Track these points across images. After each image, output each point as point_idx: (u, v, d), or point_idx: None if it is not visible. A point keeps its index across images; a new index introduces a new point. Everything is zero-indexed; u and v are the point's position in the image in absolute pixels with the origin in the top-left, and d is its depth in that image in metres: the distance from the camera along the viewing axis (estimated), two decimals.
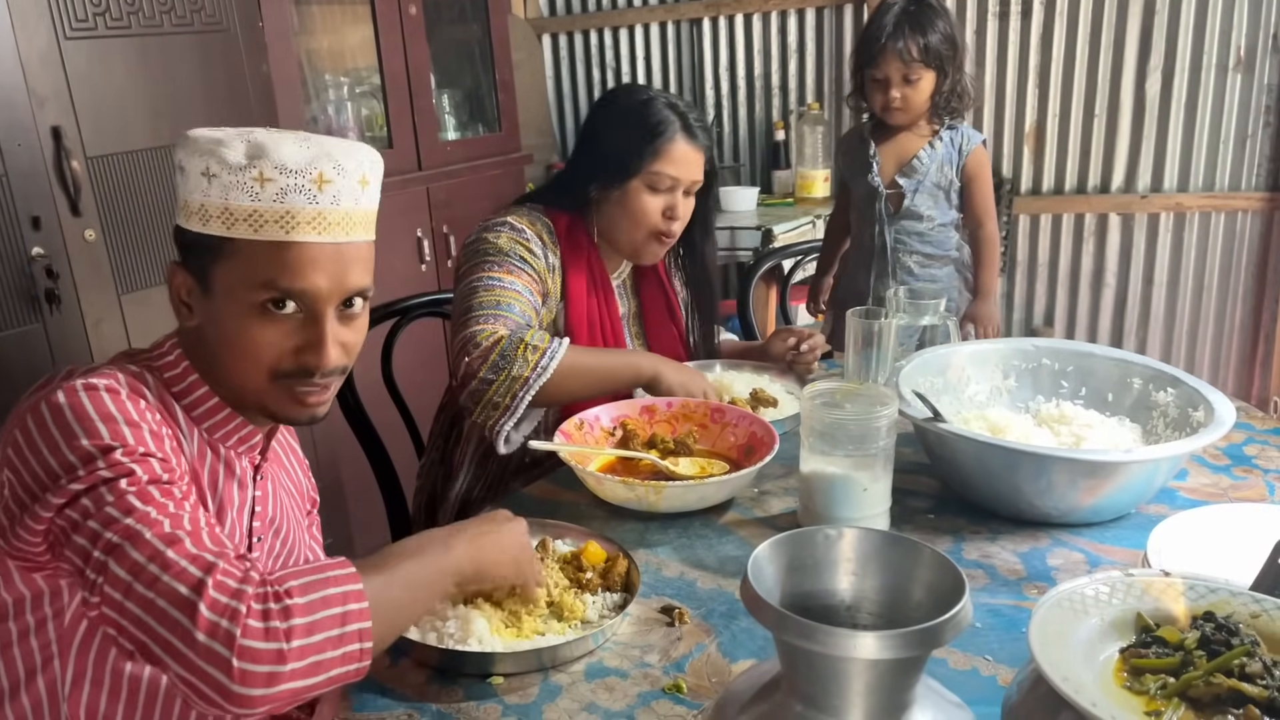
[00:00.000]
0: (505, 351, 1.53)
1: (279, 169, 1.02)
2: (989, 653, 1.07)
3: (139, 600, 0.87)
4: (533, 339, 1.55)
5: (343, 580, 0.91)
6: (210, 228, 1.04)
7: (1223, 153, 3.34)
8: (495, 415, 1.55)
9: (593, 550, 1.26)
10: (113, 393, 0.99)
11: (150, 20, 2.10)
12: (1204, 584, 0.90)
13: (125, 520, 0.91)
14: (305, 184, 1.03)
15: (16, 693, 1.03)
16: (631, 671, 1.07)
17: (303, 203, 1.04)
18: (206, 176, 1.03)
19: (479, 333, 1.56)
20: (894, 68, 2.19)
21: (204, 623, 0.85)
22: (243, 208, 1.02)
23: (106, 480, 0.93)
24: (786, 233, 3.40)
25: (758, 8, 3.88)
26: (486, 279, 1.64)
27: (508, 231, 1.70)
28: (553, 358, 1.54)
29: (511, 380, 1.53)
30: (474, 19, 3.50)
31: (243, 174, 1.02)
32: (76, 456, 0.94)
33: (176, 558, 0.88)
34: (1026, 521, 1.35)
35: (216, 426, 1.13)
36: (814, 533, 0.86)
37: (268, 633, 0.85)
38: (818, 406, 1.29)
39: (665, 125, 1.70)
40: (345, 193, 1.06)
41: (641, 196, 1.72)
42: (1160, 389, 1.49)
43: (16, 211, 1.88)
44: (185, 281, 1.09)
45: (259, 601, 0.86)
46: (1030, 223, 3.64)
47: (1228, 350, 3.51)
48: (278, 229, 1.03)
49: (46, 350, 1.96)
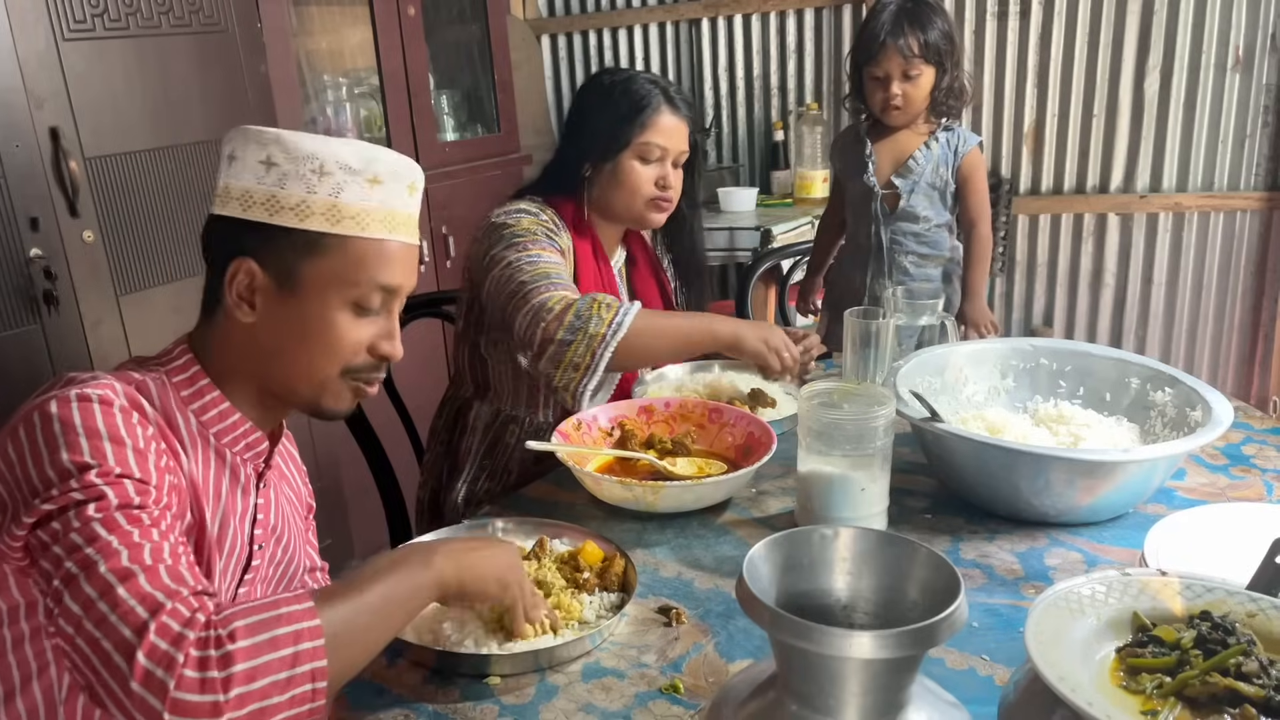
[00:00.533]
0: (580, 311, 1.58)
1: (389, 172, 1.11)
2: (986, 652, 1.07)
3: (86, 638, 0.86)
4: (604, 299, 1.59)
5: (297, 617, 0.88)
6: (312, 223, 1.07)
7: (1221, 152, 3.34)
8: (577, 376, 1.59)
9: (590, 550, 1.26)
10: (105, 404, 0.98)
11: (148, 21, 2.10)
12: (1200, 583, 0.90)
13: (86, 549, 0.89)
14: (400, 189, 1.13)
15: (12, 699, 1.02)
16: (628, 672, 1.07)
17: (399, 205, 1.12)
18: (318, 174, 1.07)
19: (549, 299, 1.60)
20: (894, 64, 2.19)
21: (139, 671, 0.82)
22: (352, 205, 1.08)
23: (77, 503, 0.92)
24: (785, 233, 3.40)
25: (756, 8, 3.88)
26: (526, 257, 1.67)
27: (526, 216, 1.75)
28: (626, 313, 1.58)
29: (590, 338, 1.57)
30: (473, 20, 3.51)
31: (357, 175, 1.08)
32: (55, 472, 0.94)
33: (126, 595, 0.87)
34: (1024, 521, 1.35)
35: (225, 432, 1.13)
36: (810, 532, 0.86)
37: (203, 684, 0.82)
38: (815, 406, 1.29)
39: (649, 98, 1.77)
40: (417, 199, 1.16)
41: (634, 167, 1.78)
42: (1158, 388, 1.49)
43: (15, 213, 1.89)
44: (257, 279, 1.09)
45: (199, 648, 0.84)
46: (1029, 223, 3.65)
47: (1227, 349, 3.51)
48: (382, 228, 1.11)
49: (45, 351, 1.96)
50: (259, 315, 1.10)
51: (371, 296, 1.12)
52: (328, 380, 1.14)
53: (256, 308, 1.10)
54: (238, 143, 1.10)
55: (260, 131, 1.09)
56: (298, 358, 1.12)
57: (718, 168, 3.94)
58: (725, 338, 1.68)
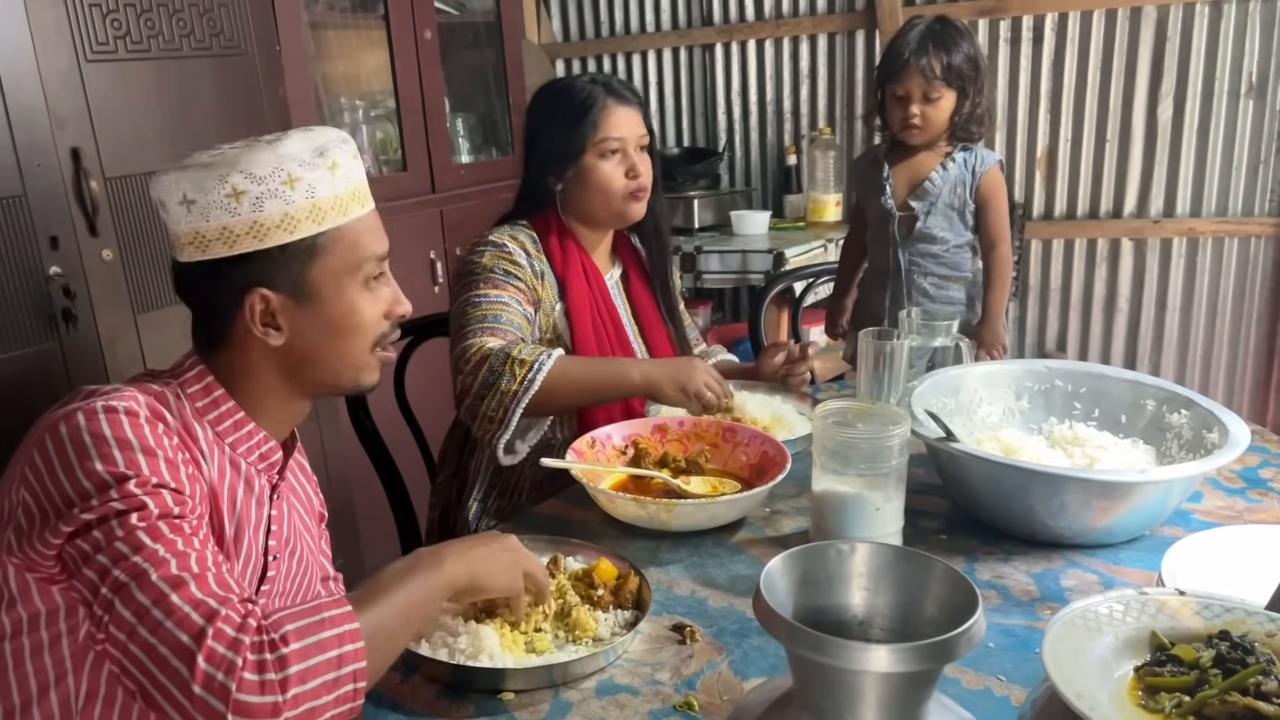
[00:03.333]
0: (493, 367, 1.58)
1: (337, 150, 1.12)
2: (1002, 673, 1.06)
3: (141, 645, 0.88)
4: (521, 353, 1.58)
5: (339, 621, 0.92)
6: (301, 230, 1.10)
7: (1235, 178, 3.34)
8: (490, 429, 1.60)
9: (604, 567, 1.25)
10: (132, 415, 1.00)
11: (169, 44, 2.12)
12: (1219, 603, 0.90)
13: (133, 558, 0.91)
14: (354, 163, 1.15)
15: (29, 708, 1.02)
16: (642, 689, 1.07)
17: (357, 178, 1.15)
18: (289, 184, 1.08)
19: (469, 348, 1.61)
20: (915, 84, 2.19)
21: (200, 675, 0.85)
22: (328, 198, 1.11)
23: (118, 513, 0.93)
24: (798, 256, 3.40)
25: (770, 33, 3.91)
26: (474, 296, 1.70)
27: (490, 250, 1.76)
28: (539, 370, 1.57)
29: (501, 394, 1.57)
30: (488, 44, 3.53)
31: (318, 168, 1.10)
32: (91, 483, 0.95)
33: (180, 603, 0.89)
34: (1040, 542, 1.35)
35: (240, 442, 1.14)
36: (826, 547, 0.86)
37: (263, 686, 0.86)
38: (830, 425, 1.28)
39: (593, 96, 1.78)
40: (360, 164, 1.18)
41: (599, 167, 1.79)
42: (1174, 410, 1.48)
43: (35, 231, 1.90)
44: (273, 302, 1.11)
45: (255, 652, 0.87)
46: (1042, 248, 3.64)
47: (1242, 375, 3.49)
48: (357, 206, 1.15)
49: (62, 368, 1.97)
50: (287, 333, 1.13)
51: (373, 269, 1.16)
52: (363, 361, 1.19)
53: (283, 328, 1.12)
54: (186, 186, 1.07)
55: (206, 165, 1.07)
56: (336, 353, 1.16)
57: (730, 191, 3.95)
58: (639, 383, 1.64)
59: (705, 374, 1.64)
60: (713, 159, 3.95)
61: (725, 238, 3.65)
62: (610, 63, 4.26)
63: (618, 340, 1.85)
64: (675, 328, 2.01)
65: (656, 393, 1.64)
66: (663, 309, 1.99)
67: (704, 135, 4.17)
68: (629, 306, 1.96)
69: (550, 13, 4.32)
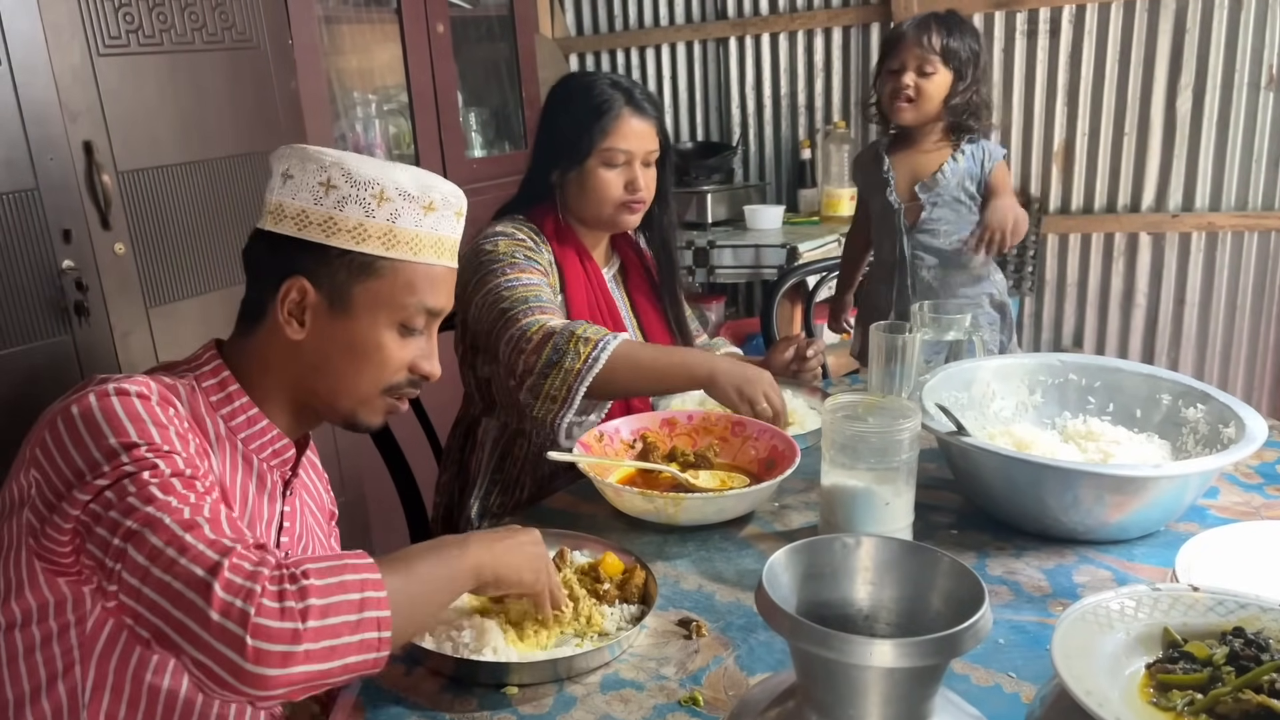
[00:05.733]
0: (558, 344, 1.56)
1: (442, 200, 1.14)
2: (1012, 669, 1.05)
3: (155, 584, 0.88)
4: (584, 331, 1.57)
5: (361, 569, 0.92)
6: (367, 246, 1.10)
7: (1255, 172, 3.30)
8: (554, 409, 1.58)
9: (610, 561, 1.25)
10: (143, 398, 1.01)
11: (182, 37, 2.13)
12: (1233, 599, 0.88)
13: (146, 509, 0.92)
14: (450, 215, 1.16)
15: (37, 698, 1.03)
16: (648, 684, 1.06)
17: (448, 231, 1.16)
18: (378, 199, 1.09)
19: (529, 326, 1.58)
20: (911, 55, 2.18)
21: (218, 602, 0.85)
22: (407, 231, 1.12)
23: (130, 474, 0.94)
24: (812, 250, 3.38)
25: (784, 27, 3.89)
26: (506, 282, 1.67)
27: (503, 239, 1.75)
28: (604, 349, 1.55)
29: (565, 372, 1.55)
30: (501, 38, 3.53)
31: (414, 202, 1.12)
32: (102, 453, 0.96)
33: (194, 541, 0.89)
34: (1052, 538, 1.33)
35: (253, 438, 1.15)
36: (831, 540, 0.84)
37: (283, 612, 0.85)
38: (839, 419, 1.27)
39: (610, 103, 1.75)
40: (462, 225, 1.21)
41: (599, 174, 1.76)
42: (1190, 405, 1.46)
43: (48, 224, 1.91)
44: (309, 297, 1.12)
45: (274, 583, 0.87)
46: (1059, 242, 3.61)
47: (1261, 371, 3.45)
48: (433, 254, 1.15)
49: (75, 361, 1.98)
50: (308, 332, 1.13)
51: (417, 318, 1.15)
52: (369, 397, 1.17)
53: (306, 325, 1.12)
54: (294, 162, 1.11)
55: (320, 153, 1.11)
56: (343, 374, 1.15)
57: (744, 185, 3.94)
58: (700, 376, 1.61)
59: (769, 386, 1.62)
60: (726, 153, 3.93)
61: (739, 232, 3.64)
62: (624, 57, 4.25)
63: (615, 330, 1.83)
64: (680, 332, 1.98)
65: (717, 390, 1.61)
66: (670, 319, 1.97)
67: (718, 129, 4.15)
68: (627, 301, 1.95)
69: (564, 6, 4.32)
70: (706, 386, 1.62)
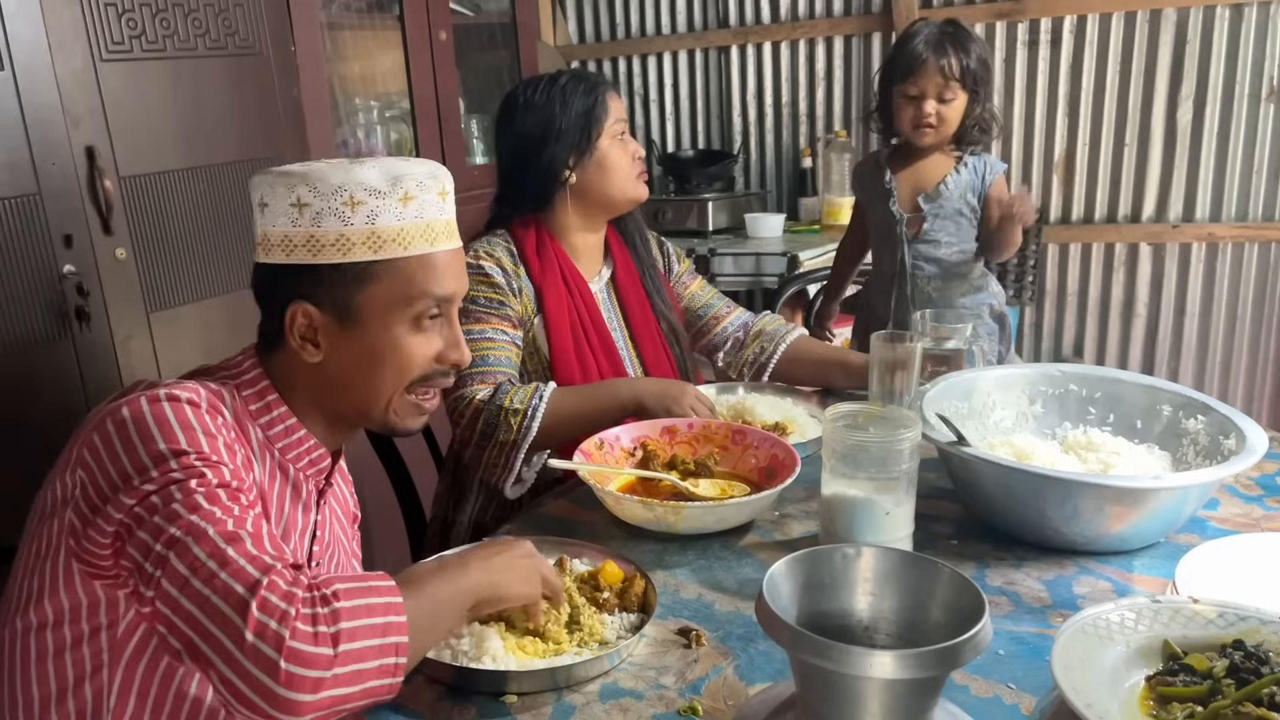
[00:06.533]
0: (489, 419, 1.63)
1: (417, 185, 1.11)
2: (1012, 681, 1.05)
3: (194, 596, 0.88)
4: (513, 402, 1.62)
5: (385, 592, 0.92)
6: (355, 254, 1.09)
7: (1256, 183, 3.31)
8: (497, 473, 1.66)
9: (610, 570, 1.24)
10: (193, 405, 1.01)
11: (185, 43, 2.13)
12: (1233, 611, 0.88)
13: (190, 517, 0.92)
14: (432, 199, 1.13)
15: (63, 699, 1.02)
16: (647, 693, 1.05)
17: (433, 215, 1.13)
18: (350, 205, 1.07)
19: (460, 400, 1.65)
20: (932, 83, 2.17)
21: (254, 623, 0.85)
22: (390, 228, 1.09)
23: (177, 480, 0.94)
24: (813, 259, 3.39)
25: (786, 35, 3.90)
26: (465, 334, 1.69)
27: (482, 285, 1.76)
28: (534, 416, 1.61)
29: (500, 444, 1.62)
30: (503, 46, 3.54)
31: (387, 197, 1.09)
32: (150, 457, 0.96)
33: (235, 556, 0.89)
34: (1052, 549, 1.33)
35: (291, 447, 1.14)
36: (831, 551, 0.85)
37: (316, 637, 0.85)
38: (840, 428, 1.27)
39: (594, 84, 1.82)
40: (450, 203, 1.17)
41: (613, 149, 1.82)
42: (1190, 416, 1.46)
43: (49, 229, 1.91)
44: (315, 319, 1.11)
45: (308, 606, 0.87)
46: (1060, 252, 3.61)
47: (1261, 382, 3.45)
48: (423, 243, 1.12)
49: (75, 366, 1.98)
50: (325, 352, 1.12)
51: (429, 309, 1.14)
52: (394, 401, 1.16)
53: (321, 346, 1.12)
54: (265, 189, 1.10)
55: (285, 173, 1.09)
56: (368, 382, 1.14)
57: (745, 193, 3.94)
58: (629, 403, 1.67)
59: (695, 398, 1.68)
60: (727, 161, 3.94)
61: (739, 240, 3.64)
62: (625, 65, 4.26)
63: (602, 347, 1.84)
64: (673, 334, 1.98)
65: (647, 412, 1.66)
66: (654, 300, 1.97)
67: (719, 137, 4.16)
68: (618, 310, 1.94)
69: (566, 14, 4.33)
70: (637, 411, 1.67)
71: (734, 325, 2.03)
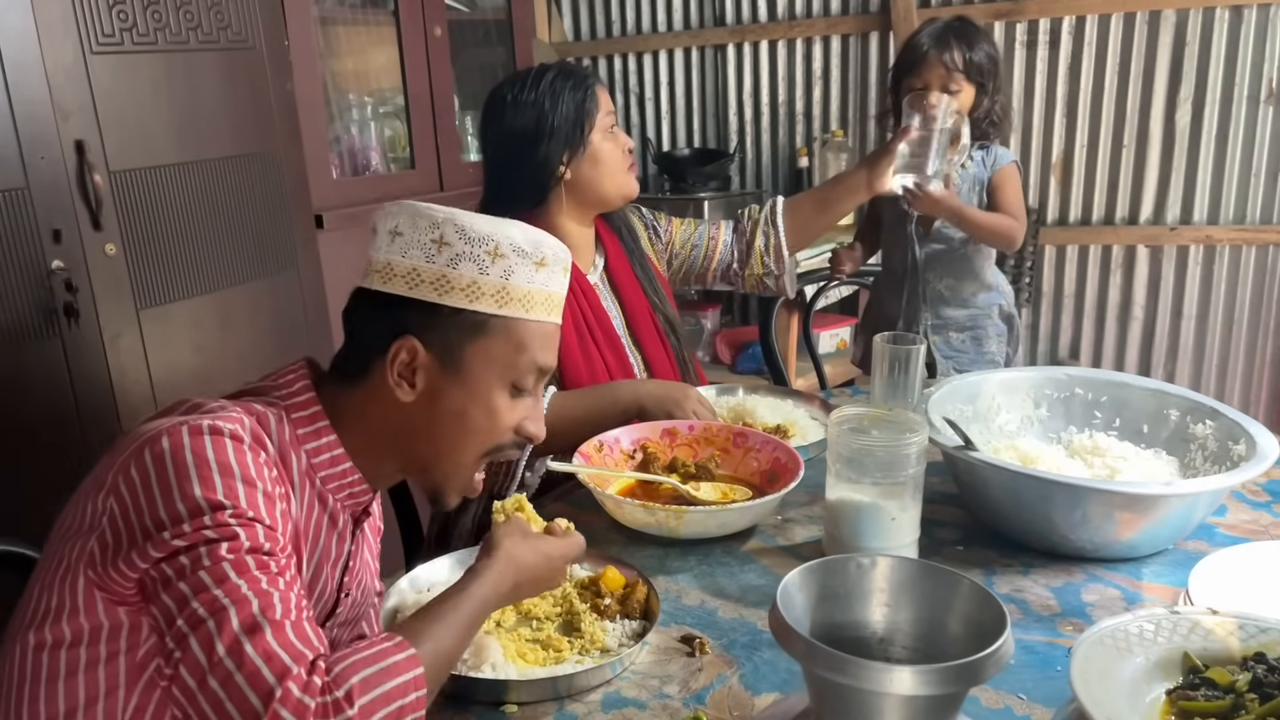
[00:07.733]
0: None
1: (553, 256, 1.11)
2: (1023, 691, 1.03)
3: (209, 696, 0.86)
4: None
5: (403, 668, 0.90)
6: (481, 304, 1.07)
7: (1254, 185, 3.29)
8: (500, 480, 1.65)
9: (611, 576, 1.22)
10: (236, 440, 0.97)
11: (176, 37, 2.10)
12: (1254, 623, 0.86)
13: (215, 590, 0.89)
14: (559, 271, 1.13)
15: (73, 716, 0.99)
16: (650, 702, 1.03)
17: (557, 288, 1.14)
18: (492, 256, 1.07)
19: None
20: (935, 75, 2.16)
21: None
22: (520, 288, 1.09)
23: (209, 540, 0.91)
24: (809, 259, 3.36)
25: (782, 34, 3.87)
26: None
27: None
28: None
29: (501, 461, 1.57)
30: (498, 42, 3.51)
31: (527, 258, 1.09)
32: (186, 507, 0.92)
33: (254, 655, 0.86)
34: (1060, 555, 1.31)
35: (333, 478, 1.10)
36: (846, 561, 0.82)
37: None
38: (845, 432, 1.25)
39: (582, 78, 1.81)
40: (568, 281, 1.17)
41: (605, 144, 1.82)
42: (1199, 421, 1.44)
43: (38, 224, 1.88)
44: (420, 358, 1.08)
45: (320, 714, 0.85)
46: (1056, 254, 3.60)
47: (1258, 385, 3.44)
48: (544, 310, 1.12)
49: (63, 364, 1.95)
50: (419, 394, 1.09)
51: (528, 377, 1.12)
52: (469, 463, 1.13)
53: (416, 386, 1.08)
54: (403, 219, 1.08)
55: (430, 209, 1.09)
56: (450, 436, 1.11)
57: (741, 193, 3.92)
58: (630, 406, 1.67)
59: (697, 402, 1.67)
60: (723, 160, 3.91)
61: None
62: (621, 62, 4.23)
63: (607, 343, 1.83)
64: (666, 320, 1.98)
65: (648, 415, 1.65)
66: (648, 292, 1.96)
67: (715, 136, 4.14)
68: (616, 300, 1.93)
69: (561, 11, 4.30)
70: (638, 414, 1.66)
71: (727, 241, 2.09)
